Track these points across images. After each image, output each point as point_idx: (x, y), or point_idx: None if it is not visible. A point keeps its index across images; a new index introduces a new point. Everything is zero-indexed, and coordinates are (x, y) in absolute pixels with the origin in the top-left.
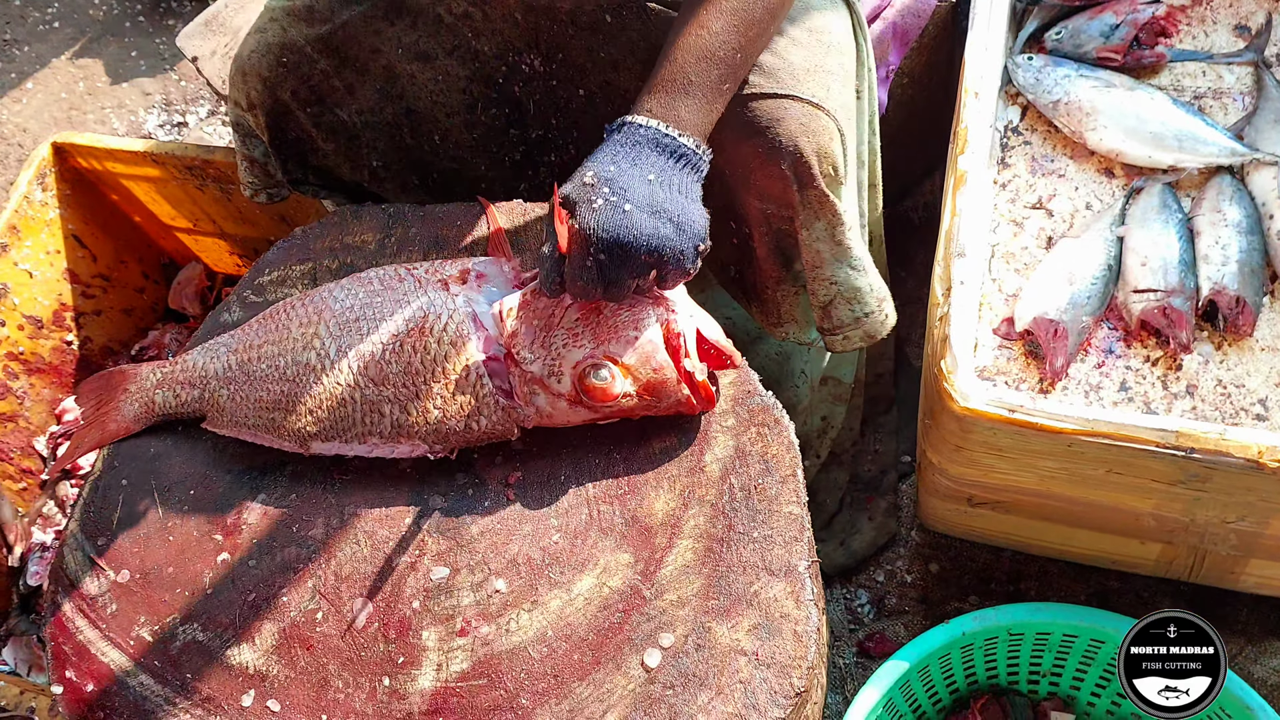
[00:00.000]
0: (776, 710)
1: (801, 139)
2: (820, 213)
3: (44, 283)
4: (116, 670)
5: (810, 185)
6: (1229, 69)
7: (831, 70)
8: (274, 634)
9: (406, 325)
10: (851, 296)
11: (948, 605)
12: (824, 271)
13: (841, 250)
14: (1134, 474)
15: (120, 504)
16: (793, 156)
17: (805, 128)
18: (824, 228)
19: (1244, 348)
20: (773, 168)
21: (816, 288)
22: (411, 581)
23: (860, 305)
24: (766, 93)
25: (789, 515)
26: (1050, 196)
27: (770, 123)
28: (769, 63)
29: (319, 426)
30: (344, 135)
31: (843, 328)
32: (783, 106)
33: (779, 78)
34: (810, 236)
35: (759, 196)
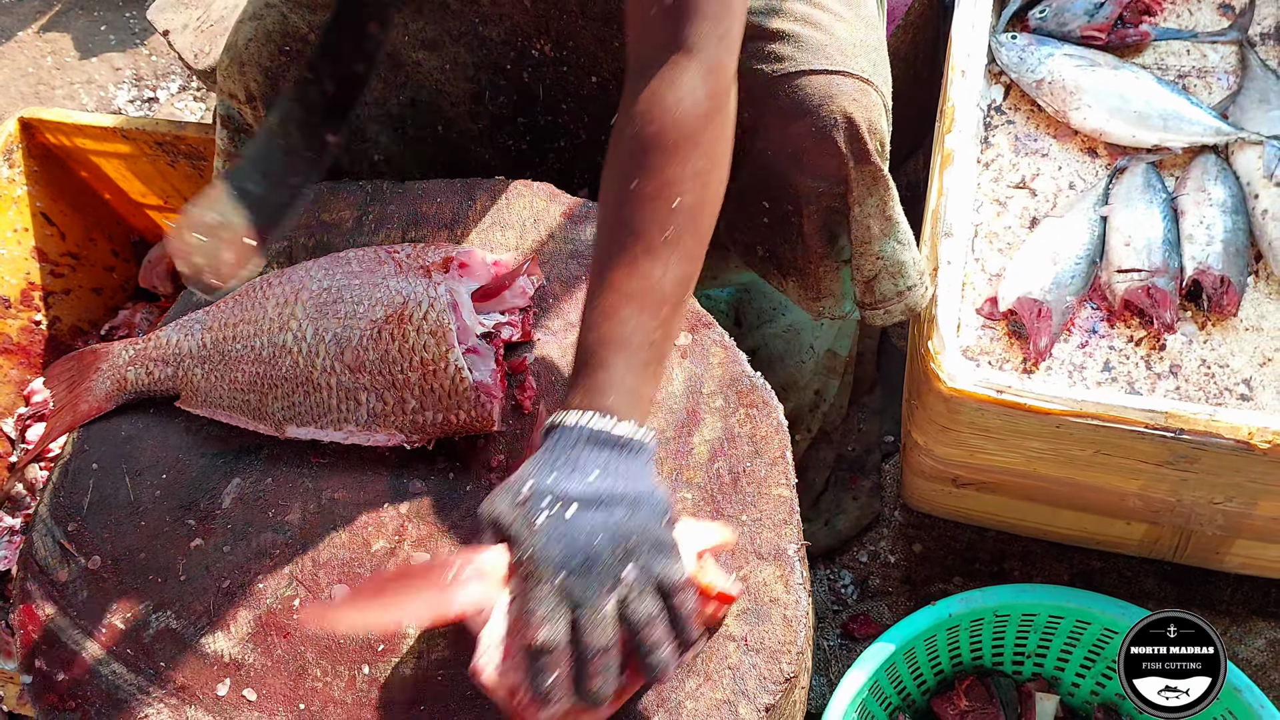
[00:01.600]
0: (766, 696)
1: (856, 114)
2: (874, 187)
3: (11, 261)
4: (88, 658)
5: (866, 160)
6: (1213, 48)
7: (874, 45)
8: (250, 621)
9: (385, 312)
10: (896, 270)
11: (931, 585)
12: (872, 247)
13: (890, 225)
14: (1122, 455)
15: (91, 488)
16: (847, 132)
17: (858, 103)
18: (876, 203)
19: (1228, 328)
20: (828, 144)
21: (862, 263)
22: (391, 568)
23: (904, 279)
24: (817, 69)
25: (778, 498)
26: (1033, 176)
27: (823, 100)
28: (814, 38)
29: (294, 411)
30: (350, 129)
31: (885, 301)
32: (834, 83)
33: (828, 54)
34: (862, 212)
35: (812, 174)
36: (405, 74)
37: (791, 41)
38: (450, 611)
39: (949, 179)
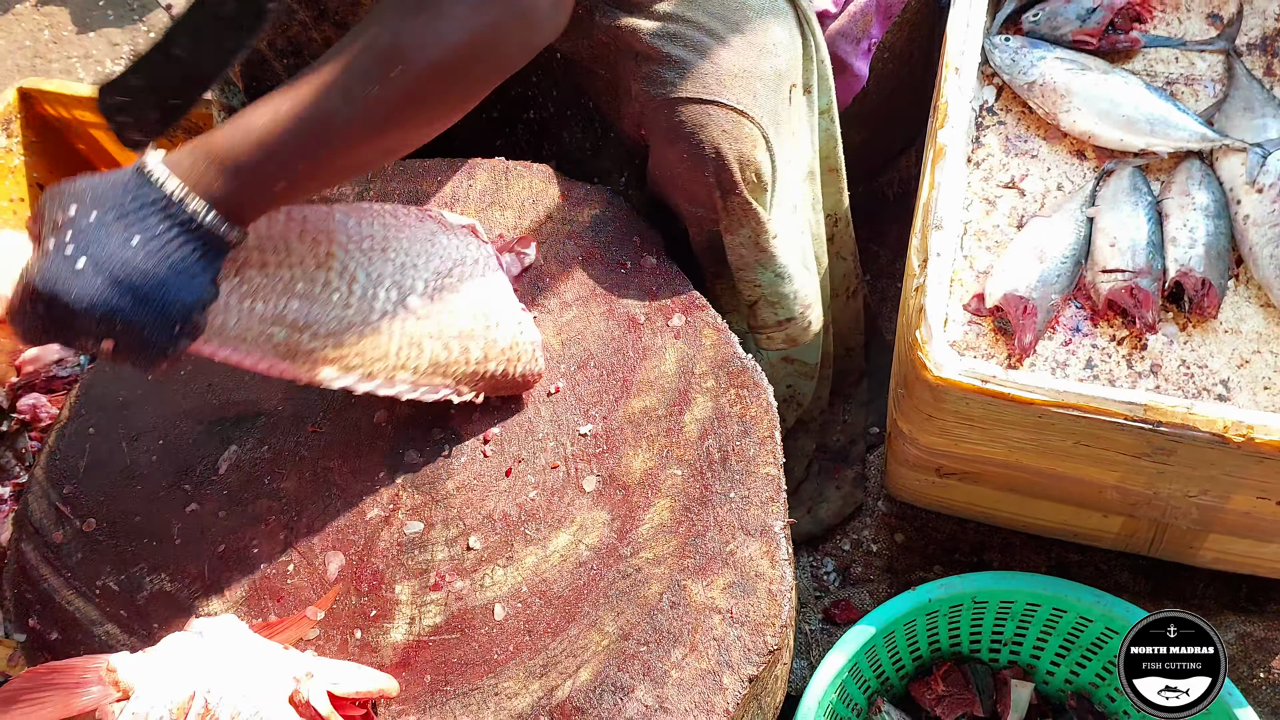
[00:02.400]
0: (750, 667)
1: (724, 145)
2: (744, 220)
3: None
4: (82, 619)
5: (733, 192)
6: (1201, 56)
7: (761, 75)
8: (244, 586)
9: (446, 265)
10: (775, 300)
11: (912, 574)
12: (748, 274)
13: (766, 256)
14: (1101, 446)
15: (87, 452)
16: (715, 164)
17: (728, 134)
18: (748, 234)
19: (1208, 329)
20: (697, 173)
21: (742, 287)
22: (385, 536)
23: (784, 309)
24: (692, 97)
25: (766, 476)
26: (1023, 176)
27: (695, 128)
28: (699, 66)
29: (342, 353)
30: None
31: (766, 328)
32: (707, 113)
33: (705, 82)
34: (734, 241)
35: (687, 199)
36: None
37: (677, 66)
38: (74, 712)
39: (940, 173)
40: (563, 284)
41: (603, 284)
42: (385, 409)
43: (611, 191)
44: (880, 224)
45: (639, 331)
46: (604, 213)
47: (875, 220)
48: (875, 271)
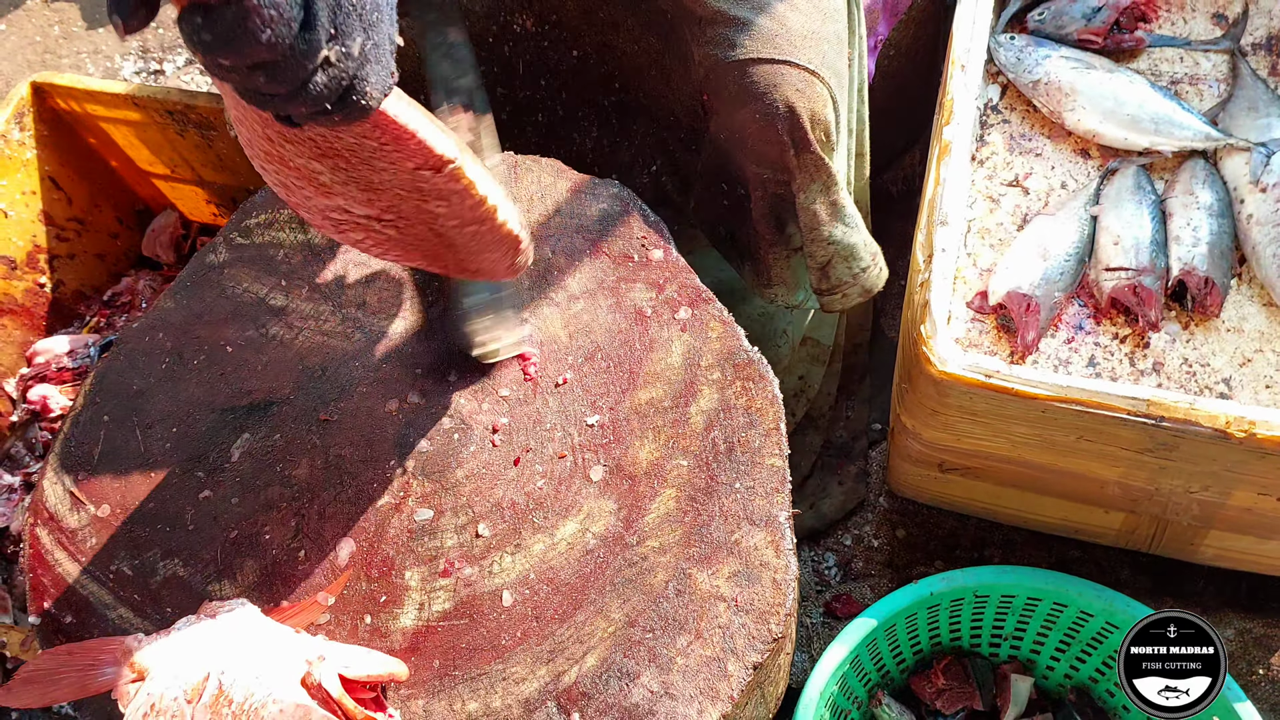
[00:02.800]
0: (754, 655)
1: (798, 104)
2: (816, 175)
3: (19, 223)
4: (95, 603)
5: (806, 149)
6: (1206, 56)
7: (827, 37)
8: (256, 571)
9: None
10: (848, 254)
11: (913, 570)
12: (821, 232)
13: (837, 210)
14: (1104, 441)
15: (102, 439)
16: (789, 121)
17: (801, 93)
18: (819, 189)
19: (1210, 328)
20: (770, 132)
21: (814, 249)
22: (395, 523)
23: (857, 261)
24: (764, 58)
25: (771, 467)
26: (1027, 175)
27: (768, 88)
28: (767, 27)
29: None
30: None
31: (841, 286)
32: (779, 72)
33: (777, 43)
34: (807, 199)
35: (756, 161)
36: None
37: (745, 28)
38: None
39: (946, 170)
40: (570, 277)
41: (610, 277)
42: (396, 398)
43: (620, 185)
44: (883, 221)
45: (646, 324)
46: (612, 206)
47: (879, 217)
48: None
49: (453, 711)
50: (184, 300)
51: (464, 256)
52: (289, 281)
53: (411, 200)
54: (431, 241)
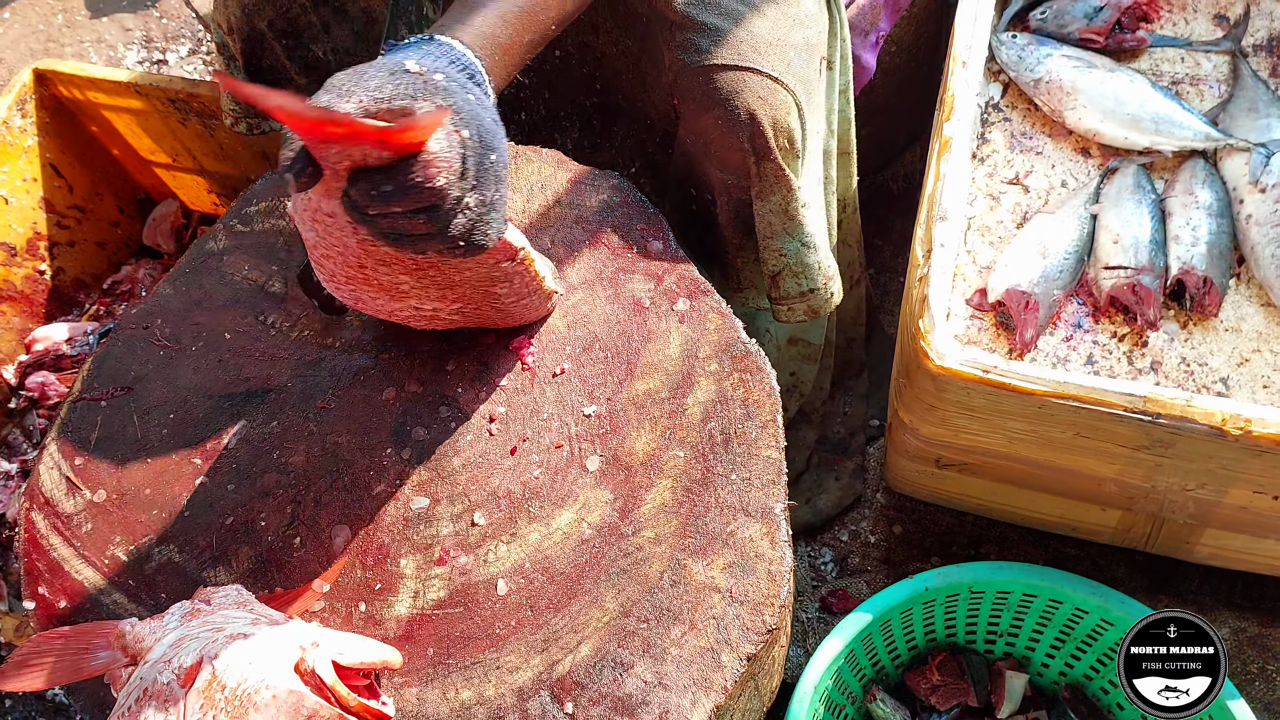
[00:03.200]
0: (748, 645)
1: (759, 111)
2: (775, 186)
3: (19, 210)
4: (90, 588)
5: (767, 157)
6: (1207, 57)
7: (794, 44)
8: (250, 557)
9: None
10: (799, 270)
11: (909, 566)
12: (774, 243)
13: (793, 225)
14: (1100, 438)
15: (99, 425)
16: (750, 128)
17: (763, 100)
18: (778, 201)
19: (1208, 327)
20: (731, 138)
21: (766, 257)
22: (391, 511)
23: (807, 280)
24: (728, 64)
25: (767, 459)
26: (1027, 173)
27: (730, 94)
28: (733, 34)
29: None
30: (317, 71)
31: (788, 299)
32: (742, 79)
33: (740, 49)
34: (764, 208)
35: (719, 166)
36: (377, 30)
37: (711, 34)
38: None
39: (946, 165)
40: (569, 267)
41: (609, 268)
42: (394, 387)
43: (620, 176)
44: (884, 218)
45: (644, 315)
46: (612, 198)
47: (879, 214)
48: (878, 266)
49: (446, 700)
50: (183, 287)
51: (511, 318)
52: (288, 270)
53: (481, 288)
54: (487, 314)
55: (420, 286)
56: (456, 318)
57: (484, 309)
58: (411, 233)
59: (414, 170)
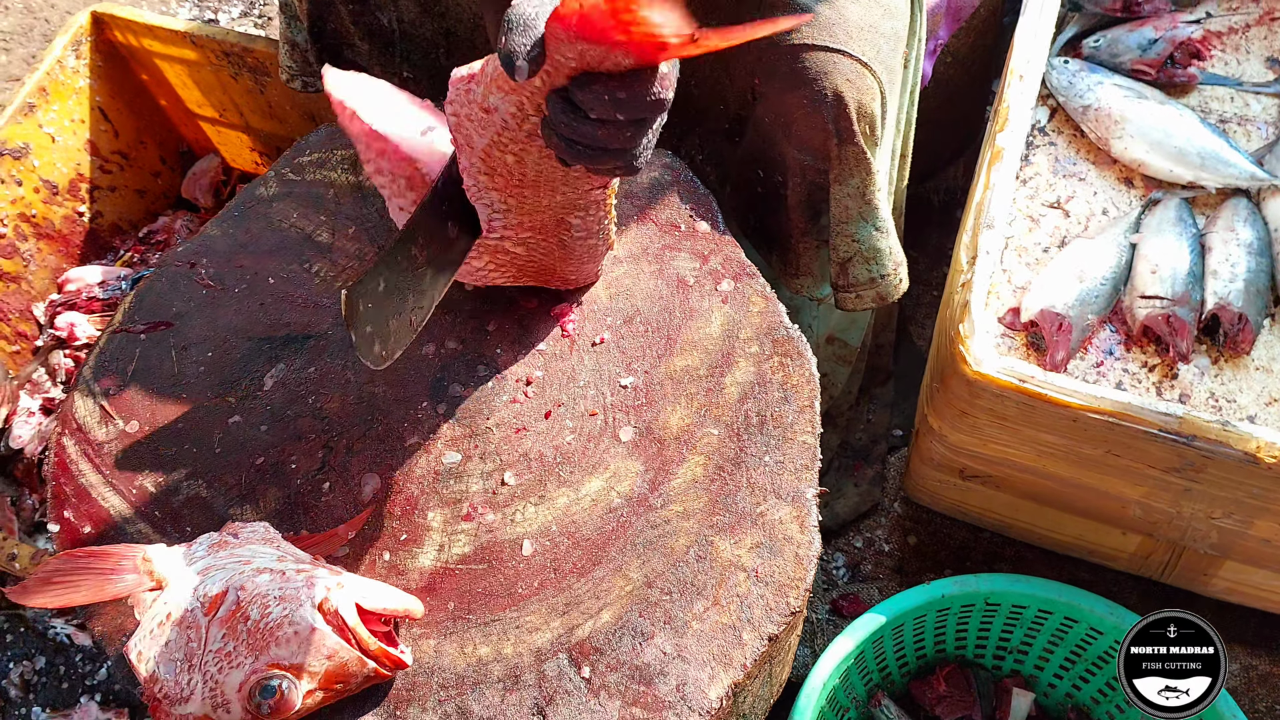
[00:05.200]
0: (770, 626)
1: (847, 93)
2: (855, 169)
3: (64, 150)
4: (115, 516)
5: (849, 140)
6: (1256, 98)
7: (884, 33)
8: (278, 499)
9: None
10: (871, 256)
11: (922, 577)
12: (849, 228)
13: (869, 209)
14: (1131, 457)
15: (137, 356)
16: (835, 109)
17: (851, 83)
18: (856, 184)
19: (1239, 365)
20: (815, 118)
21: (839, 243)
22: (423, 463)
23: (878, 266)
24: (818, 44)
25: (802, 444)
26: (1069, 198)
27: (818, 75)
28: (826, 15)
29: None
30: (380, 38)
31: (857, 286)
32: (832, 60)
33: (833, 32)
34: (842, 191)
35: (798, 147)
36: (444, 4)
37: (803, 14)
38: (107, 597)
39: (996, 175)
40: (616, 241)
41: (655, 244)
42: (434, 343)
43: (673, 155)
44: (921, 229)
45: (687, 293)
46: (663, 175)
47: (917, 225)
48: (912, 277)
49: (463, 654)
50: (230, 229)
51: (568, 269)
52: (336, 220)
53: (559, 214)
54: (543, 257)
55: (517, 205)
56: (520, 251)
57: (549, 243)
58: (611, 146)
59: (654, 83)
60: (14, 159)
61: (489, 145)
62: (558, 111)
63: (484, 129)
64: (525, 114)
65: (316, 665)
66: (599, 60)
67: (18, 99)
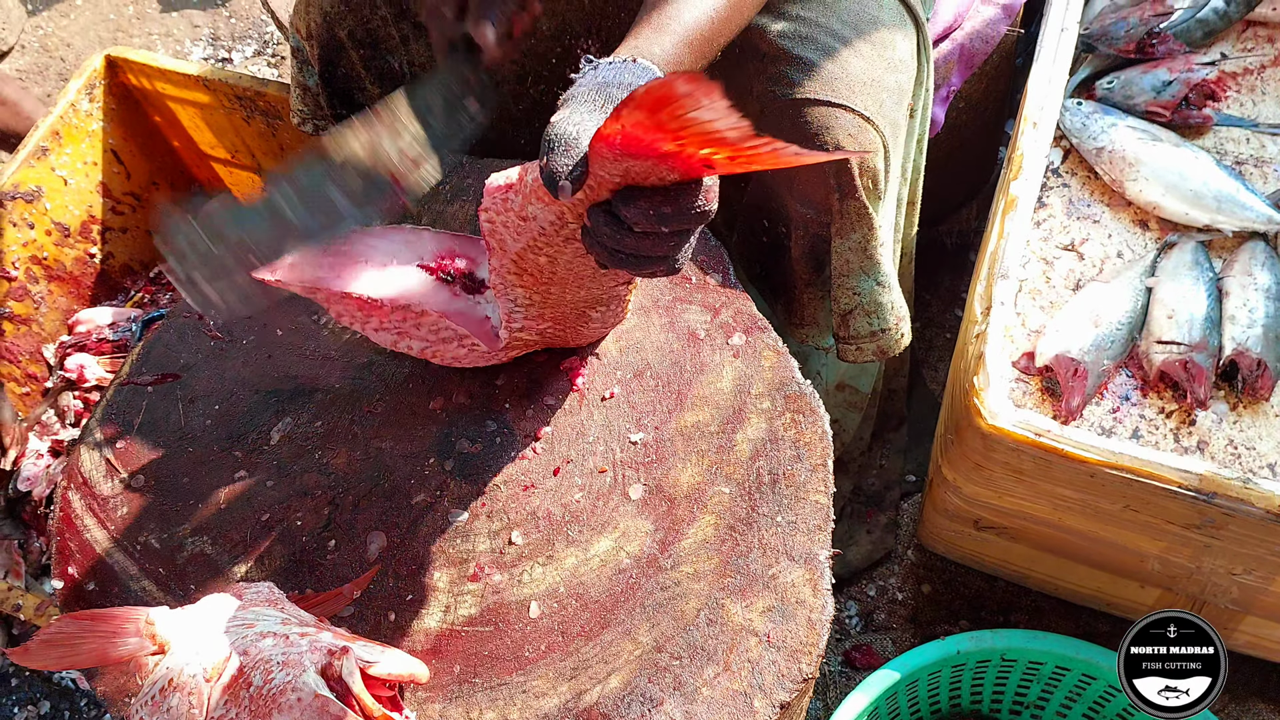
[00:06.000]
0: (782, 693)
1: (848, 148)
2: (857, 224)
3: (77, 192)
4: (120, 573)
5: (851, 195)
6: (1274, 139)
7: (888, 87)
8: (283, 556)
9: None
10: (872, 310)
11: (936, 627)
12: (850, 281)
13: (870, 263)
14: (1150, 513)
15: (144, 409)
16: (837, 165)
17: (853, 139)
18: (858, 239)
19: (1259, 411)
20: (818, 173)
21: (840, 295)
22: (429, 521)
23: (879, 320)
24: (821, 99)
25: (815, 504)
26: (1083, 240)
27: (820, 129)
28: (828, 70)
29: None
30: (392, 82)
31: (858, 339)
32: (834, 115)
33: (835, 87)
34: (843, 245)
35: (801, 200)
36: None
37: (806, 68)
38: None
39: (1010, 224)
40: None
41: (666, 296)
42: (442, 396)
43: None
44: (934, 273)
45: (698, 346)
46: None
47: (929, 269)
48: (924, 320)
49: (469, 719)
50: None
51: (577, 339)
52: None
53: (582, 308)
54: (560, 336)
55: (541, 300)
56: (534, 337)
57: (567, 328)
58: (655, 254)
59: (699, 197)
60: (26, 202)
61: (523, 249)
62: (600, 224)
63: (520, 235)
64: (564, 221)
65: None
66: (644, 175)
67: (31, 143)
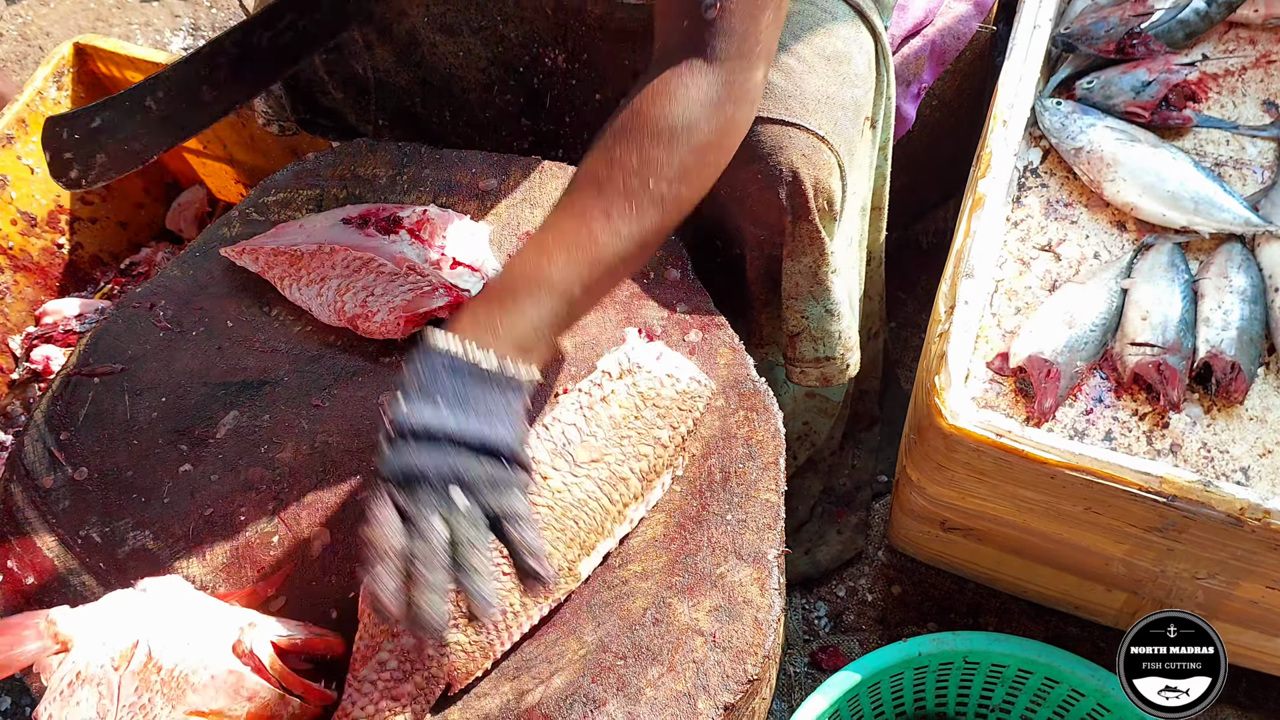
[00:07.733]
0: (726, 695)
1: (802, 169)
2: (809, 248)
3: (44, 181)
4: (60, 567)
5: (804, 218)
6: (1253, 142)
7: (843, 103)
8: (226, 552)
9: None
10: (819, 336)
11: (905, 628)
12: (799, 304)
13: (820, 290)
14: (1112, 515)
15: (89, 401)
16: (791, 186)
17: (807, 159)
18: (809, 263)
19: (1232, 414)
20: (770, 194)
21: (789, 316)
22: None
23: (825, 347)
24: (774, 118)
25: (765, 502)
26: (1060, 241)
27: (773, 149)
28: (782, 86)
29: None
30: (355, 87)
31: (802, 361)
32: (787, 134)
33: (788, 104)
34: (794, 268)
35: (754, 221)
36: (420, 53)
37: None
38: (13, 668)
39: (977, 222)
40: None
41: (623, 292)
42: (391, 391)
43: None
44: (910, 272)
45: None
46: None
47: (906, 268)
48: (900, 320)
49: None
50: (190, 270)
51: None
52: None
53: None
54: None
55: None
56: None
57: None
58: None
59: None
60: None
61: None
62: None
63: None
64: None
65: (238, 708)
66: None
67: None
